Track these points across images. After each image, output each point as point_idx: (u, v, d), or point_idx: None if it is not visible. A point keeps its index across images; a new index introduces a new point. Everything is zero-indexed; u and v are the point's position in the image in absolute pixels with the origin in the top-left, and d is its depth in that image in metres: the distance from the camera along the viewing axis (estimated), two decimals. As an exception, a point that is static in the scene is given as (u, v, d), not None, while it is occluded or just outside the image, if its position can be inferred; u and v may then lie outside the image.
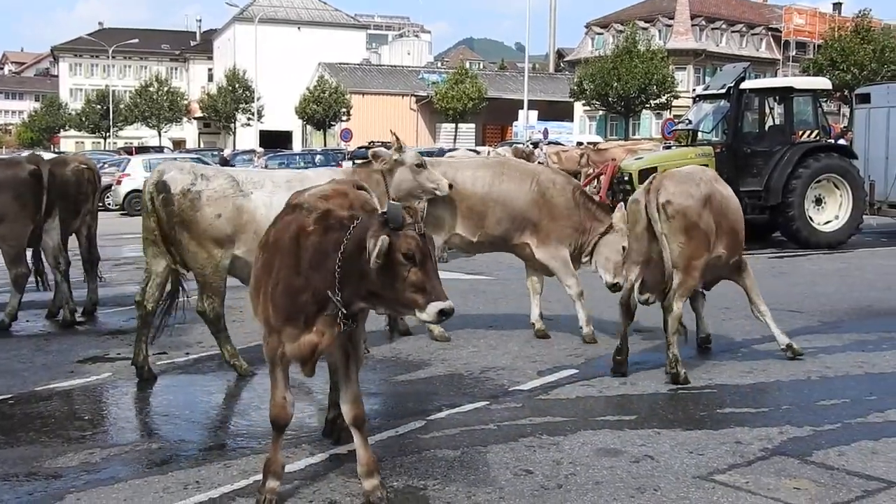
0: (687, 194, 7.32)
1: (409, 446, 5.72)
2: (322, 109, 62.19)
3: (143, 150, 51.52)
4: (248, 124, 67.58)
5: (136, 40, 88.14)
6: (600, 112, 63.25)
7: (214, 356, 8.11)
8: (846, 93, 45.07)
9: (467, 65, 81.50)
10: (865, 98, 19.52)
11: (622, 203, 9.42)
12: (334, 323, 4.58)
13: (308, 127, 68.92)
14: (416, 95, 71.72)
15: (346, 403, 4.91)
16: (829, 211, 17.16)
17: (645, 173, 17.02)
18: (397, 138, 8.09)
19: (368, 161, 8.08)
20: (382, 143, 58.14)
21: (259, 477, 4.90)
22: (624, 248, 8.22)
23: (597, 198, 11.55)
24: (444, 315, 4.36)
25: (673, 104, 56.04)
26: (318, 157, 39.60)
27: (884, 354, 8.25)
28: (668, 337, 7.30)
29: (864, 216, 17.61)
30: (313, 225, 4.64)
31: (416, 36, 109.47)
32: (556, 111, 66.61)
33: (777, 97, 18.11)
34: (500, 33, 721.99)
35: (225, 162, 35.09)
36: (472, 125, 66.37)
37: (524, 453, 5.59)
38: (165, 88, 75.75)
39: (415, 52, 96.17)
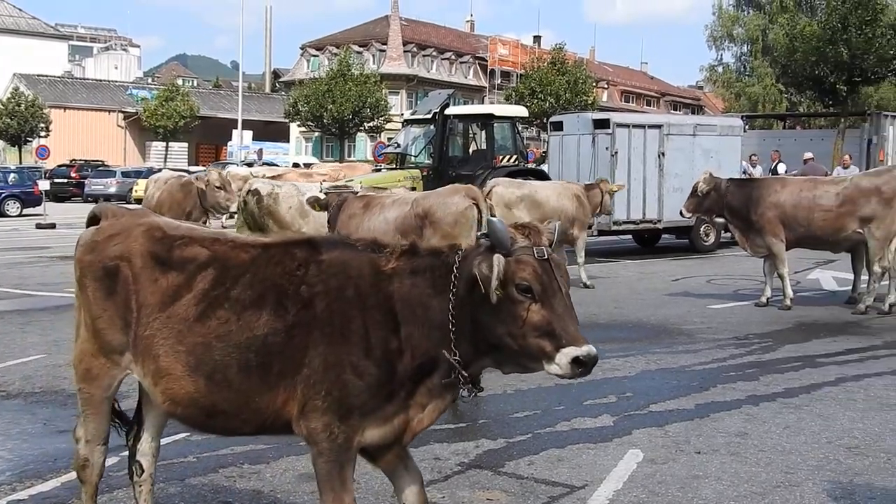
0: None
1: (101, 485, 5.39)
2: (17, 124, 57.77)
3: None
4: (-70, 138, 61.62)
5: None
6: (316, 133, 63.52)
7: None
8: (544, 120, 48.25)
9: (179, 81, 79.14)
10: (559, 126, 20.79)
11: None
12: (443, 392, 3.66)
13: (1, 142, 63.90)
14: (123, 112, 68.49)
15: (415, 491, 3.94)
16: (528, 232, 18.12)
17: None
18: None
19: None
20: (86, 160, 54.45)
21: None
22: None
23: None
24: (580, 366, 3.34)
25: (386, 127, 57.36)
26: (11, 176, 36.79)
27: (572, 366, 8.81)
28: None
29: (558, 236, 18.74)
30: (395, 264, 3.67)
31: (125, 49, 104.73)
32: (272, 131, 66.14)
33: (479, 123, 19.01)
34: (215, 51, 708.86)
35: None
36: (185, 144, 64.41)
37: (224, 485, 5.45)
38: None
39: (123, 67, 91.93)
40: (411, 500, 3.93)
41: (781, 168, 22.81)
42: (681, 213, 13.04)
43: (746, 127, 32.60)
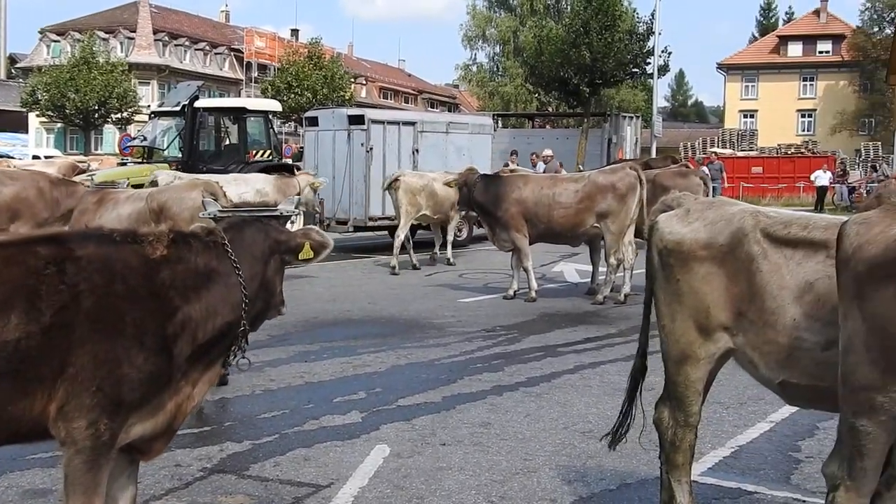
0: None
1: None
2: None
3: None
4: None
5: None
6: (59, 124, 59.89)
7: None
8: (301, 115, 47.83)
9: None
10: (314, 121, 20.64)
11: None
12: (215, 364, 3.87)
13: None
14: None
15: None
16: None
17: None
18: None
19: None
20: None
21: None
22: None
23: None
24: None
25: (136, 119, 54.92)
26: None
27: (324, 363, 8.77)
28: None
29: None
30: (164, 251, 3.68)
31: None
32: (7, 121, 61.44)
33: (231, 117, 18.58)
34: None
35: None
36: None
37: (-65, 507, 4.98)
38: None
39: None
40: None
41: None
42: None
43: (498, 125, 33.91)
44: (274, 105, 20.74)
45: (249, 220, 4.14)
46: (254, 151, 18.28)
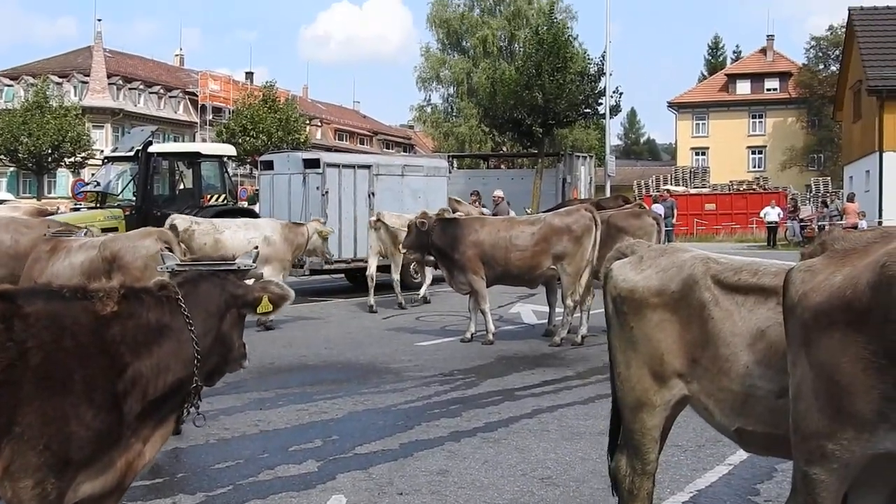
0: None
1: None
2: None
3: None
4: None
5: None
6: (11, 168, 59.20)
7: None
8: (257, 157, 47.64)
9: None
10: (269, 165, 20.51)
11: None
12: (167, 420, 3.86)
13: None
14: None
15: None
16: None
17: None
18: None
19: None
20: None
21: None
22: None
23: None
24: None
25: (89, 163, 54.45)
26: None
27: (279, 411, 8.65)
28: None
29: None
30: (115, 307, 3.64)
31: None
32: (-41, 166, 60.72)
33: (186, 161, 18.48)
34: None
35: None
36: None
37: None
38: None
39: None
40: None
41: None
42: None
43: (454, 166, 34.05)
44: (228, 149, 20.67)
45: (206, 274, 4.13)
46: (209, 196, 18.18)
